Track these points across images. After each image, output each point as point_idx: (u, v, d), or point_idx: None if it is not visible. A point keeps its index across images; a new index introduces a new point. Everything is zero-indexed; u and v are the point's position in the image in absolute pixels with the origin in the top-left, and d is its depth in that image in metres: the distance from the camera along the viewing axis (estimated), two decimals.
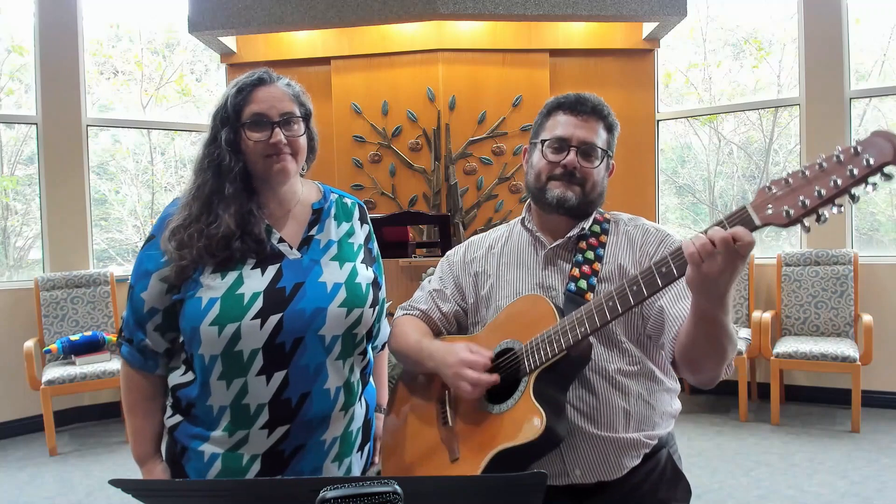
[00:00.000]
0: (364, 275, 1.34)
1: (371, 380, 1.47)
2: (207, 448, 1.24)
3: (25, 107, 4.42)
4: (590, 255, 1.39)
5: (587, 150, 1.38)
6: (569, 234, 1.41)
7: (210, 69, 5.35)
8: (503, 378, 1.30)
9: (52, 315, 4.08)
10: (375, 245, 1.47)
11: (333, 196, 1.43)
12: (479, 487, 0.91)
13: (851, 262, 4.01)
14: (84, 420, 4.24)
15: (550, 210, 1.41)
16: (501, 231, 1.58)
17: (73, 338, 3.92)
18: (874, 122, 4.48)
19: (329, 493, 0.72)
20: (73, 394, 3.92)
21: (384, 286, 1.45)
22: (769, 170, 5.02)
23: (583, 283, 1.36)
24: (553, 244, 1.43)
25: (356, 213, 1.44)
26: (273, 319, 1.20)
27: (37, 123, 4.28)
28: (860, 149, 0.92)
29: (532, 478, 0.83)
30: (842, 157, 0.94)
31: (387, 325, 1.54)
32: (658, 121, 4.83)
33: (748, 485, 3.02)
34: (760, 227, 1.02)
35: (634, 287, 1.14)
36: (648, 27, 4.55)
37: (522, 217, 1.52)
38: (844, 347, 3.70)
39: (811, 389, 4.22)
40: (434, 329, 1.54)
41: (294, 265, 1.28)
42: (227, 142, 1.25)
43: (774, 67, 4.93)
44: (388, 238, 3.60)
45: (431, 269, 2.70)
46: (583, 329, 1.20)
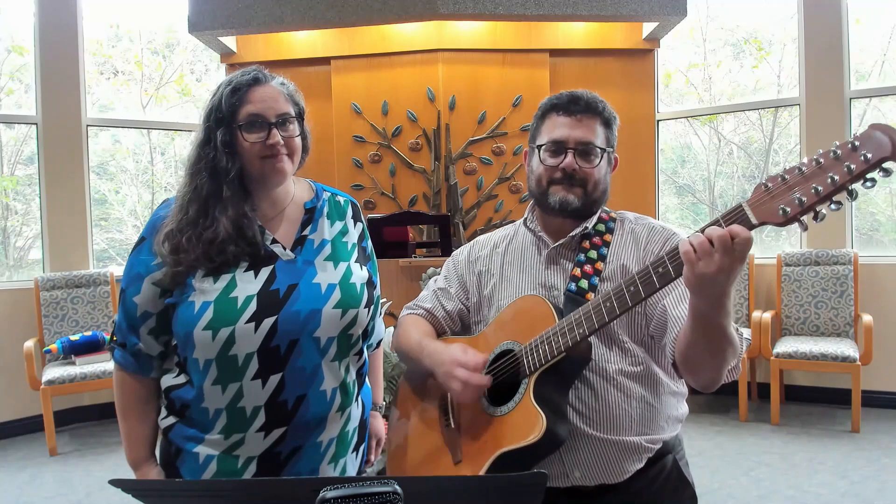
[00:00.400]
0: (358, 275, 1.32)
1: (367, 379, 1.46)
2: (202, 450, 1.23)
3: (25, 107, 4.42)
4: (593, 255, 1.37)
5: (585, 151, 1.36)
6: (572, 234, 1.39)
7: (210, 69, 5.34)
8: (504, 380, 1.29)
9: (52, 315, 4.08)
10: (370, 243, 1.46)
11: (326, 194, 1.41)
12: (479, 487, 0.91)
13: (851, 262, 4.01)
14: (84, 420, 4.24)
15: (554, 214, 1.39)
16: (507, 231, 1.56)
17: (73, 338, 3.91)
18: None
19: (329, 493, 0.72)
20: (73, 394, 3.92)
21: (379, 285, 1.44)
22: (769, 170, 5.01)
23: (584, 283, 1.34)
24: (555, 244, 1.41)
25: (349, 212, 1.42)
26: (267, 322, 1.19)
27: (37, 123, 4.27)
28: (858, 144, 0.91)
29: (532, 478, 0.82)
30: (839, 153, 0.92)
31: (381, 324, 1.53)
32: (658, 121, 4.83)
33: (748, 485, 3.02)
34: (757, 226, 1.00)
35: (632, 288, 1.13)
36: (648, 27, 4.54)
37: (525, 217, 1.50)
38: (844, 347, 3.70)
39: (811, 389, 4.22)
40: (438, 328, 1.54)
41: (288, 266, 1.26)
42: (223, 143, 1.22)
43: (774, 67, 4.92)
44: (388, 238, 3.59)
45: (431, 270, 2.71)
46: (581, 330, 1.19)
